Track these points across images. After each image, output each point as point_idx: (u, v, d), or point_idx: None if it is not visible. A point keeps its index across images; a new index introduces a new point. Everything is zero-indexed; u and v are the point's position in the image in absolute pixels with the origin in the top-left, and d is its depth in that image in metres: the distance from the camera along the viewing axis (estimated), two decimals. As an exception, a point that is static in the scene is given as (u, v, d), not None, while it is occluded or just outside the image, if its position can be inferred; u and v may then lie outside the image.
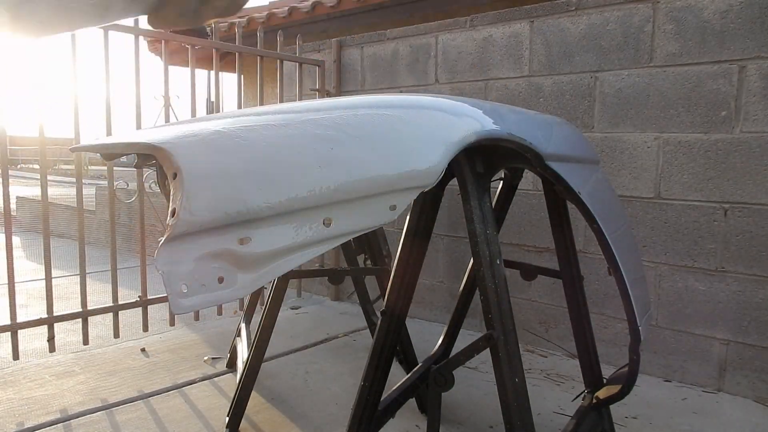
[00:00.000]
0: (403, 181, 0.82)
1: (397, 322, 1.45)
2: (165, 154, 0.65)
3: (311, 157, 0.72)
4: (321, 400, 2.11)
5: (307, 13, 5.02)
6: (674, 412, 2.07)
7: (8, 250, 2.28)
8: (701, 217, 2.25)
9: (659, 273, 2.37)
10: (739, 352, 2.20)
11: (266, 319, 1.87)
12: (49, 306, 2.41)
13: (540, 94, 2.66)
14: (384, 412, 1.52)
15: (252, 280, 0.66)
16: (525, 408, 1.14)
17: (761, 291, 2.14)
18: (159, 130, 0.80)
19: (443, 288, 3.10)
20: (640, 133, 2.38)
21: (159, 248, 0.59)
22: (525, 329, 2.77)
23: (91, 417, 1.93)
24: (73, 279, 3.81)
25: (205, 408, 2.02)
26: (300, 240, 0.70)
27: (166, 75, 2.78)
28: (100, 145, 0.89)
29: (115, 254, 2.64)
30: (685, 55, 2.25)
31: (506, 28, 2.74)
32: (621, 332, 2.48)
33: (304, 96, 3.55)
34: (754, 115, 2.12)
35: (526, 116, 1.30)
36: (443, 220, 3.05)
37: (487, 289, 1.15)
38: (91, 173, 14.09)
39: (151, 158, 0.97)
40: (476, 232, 1.17)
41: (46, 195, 2.42)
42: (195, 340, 2.76)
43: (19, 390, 2.14)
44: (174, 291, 0.59)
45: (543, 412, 2.03)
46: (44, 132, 2.35)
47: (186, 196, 0.61)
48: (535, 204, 2.71)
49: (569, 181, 1.26)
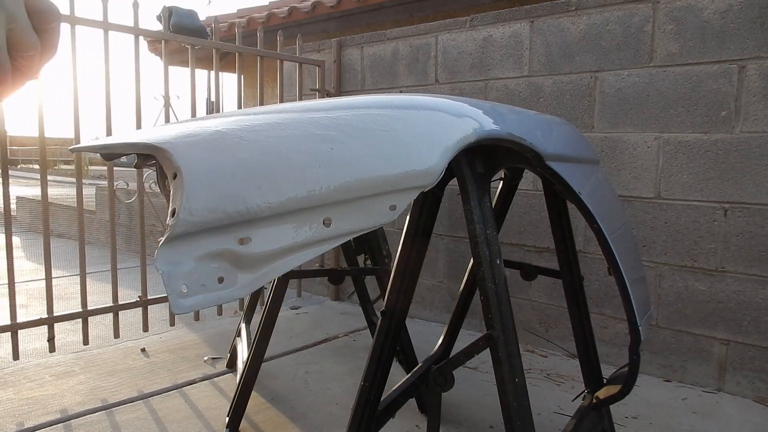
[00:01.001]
0: (403, 181, 0.82)
1: (397, 322, 1.45)
2: (165, 154, 0.65)
3: (311, 157, 0.72)
4: (321, 400, 2.11)
5: (307, 13, 5.03)
6: (674, 412, 2.07)
7: (8, 250, 2.28)
8: (701, 217, 2.25)
9: (659, 273, 2.37)
10: (739, 352, 2.20)
11: (266, 319, 1.87)
12: (49, 306, 2.41)
13: (540, 94, 2.66)
14: (384, 412, 1.52)
15: (252, 280, 0.66)
16: (525, 408, 1.14)
17: (761, 291, 2.14)
18: (159, 130, 0.80)
19: (443, 288, 3.10)
20: (640, 133, 2.38)
21: (159, 248, 0.59)
22: (525, 329, 2.77)
23: (91, 417, 1.93)
24: (73, 279, 3.81)
25: (205, 408, 2.02)
26: (300, 240, 0.70)
27: (166, 75, 2.78)
28: (100, 145, 0.89)
29: (115, 254, 2.64)
30: (685, 55, 2.25)
31: (506, 28, 2.74)
32: (621, 332, 2.48)
33: (304, 96, 3.55)
34: (754, 115, 2.12)
35: (526, 116, 1.30)
36: (443, 220, 3.05)
37: (487, 289, 1.15)
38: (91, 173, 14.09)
39: (151, 158, 0.97)
40: (476, 232, 1.17)
41: (46, 195, 2.42)
42: (195, 340, 2.76)
43: (19, 390, 2.14)
44: (174, 291, 0.59)
45: (543, 412, 2.03)
46: (44, 132, 2.35)
47: (186, 196, 0.60)
48: (535, 204, 2.71)
49: (569, 181, 1.26)
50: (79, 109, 2.44)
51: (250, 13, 5.88)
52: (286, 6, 5.33)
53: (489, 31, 2.81)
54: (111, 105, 2.52)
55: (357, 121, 0.82)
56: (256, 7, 6.26)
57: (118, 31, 2.53)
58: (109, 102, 2.51)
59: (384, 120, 0.86)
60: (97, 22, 2.45)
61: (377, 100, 0.92)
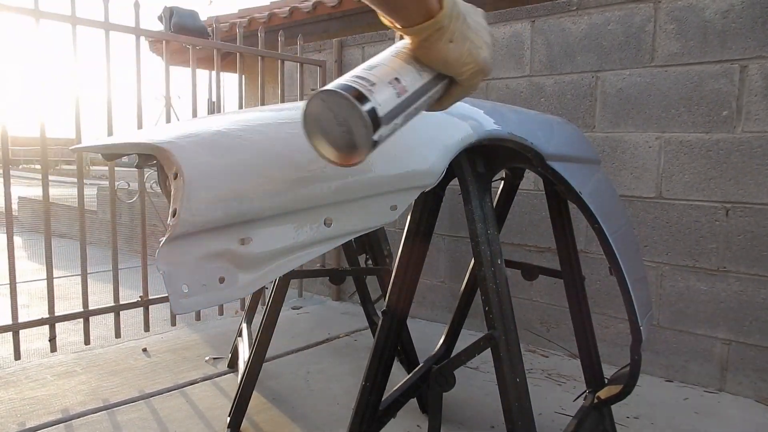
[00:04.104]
0: (404, 181, 0.82)
1: (398, 322, 1.45)
2: (166, 154, 0.65)
3: (312, 157, 0.72)
4: (322, 400, 2.11)
5: (308, 13, 5.02)
6: (676, 412, 2.06)
7: (10, 250, 2.28)
8: (703, 217, 2.25)
9: (661, 273, 2.36)
10: (740, 352, 2.19)
11: (267, 319, 1.87)
12: (51, 306, 2.41)
13: (541, 94, 2.66)
14: (385, 412, 1.52)
15: (253, 280, 0.66)
16: (526, 408, 1.14)
17: (763, 291, 2.13)
18: (160, 129, 0.80)
19: (444, 288, 3.09)
20: (641, 133, 2.37)
21: (160, 248, 0.59)
22: (526, 329, 2.77)
23: (93, 417, 1.93)
24: (74, 279, 3.81)
25: (206, 408, 2.02)
26: (301, 240, 0.70)
27: (168, 75, 2.78)
28: (101, 145, 0.89)
29: (116, 254, 2.64)
30: (686, 54, 2.24)
31: (507, 27, 2.74)
32: (622, 332, 2.47)
33: (306, 96, 3.55)
34: (756, 115, 2.11)
35: (527, 116, 1.30)
36: (444, 220, 3.05)
37: (489, 289, 1.15)
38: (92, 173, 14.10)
39: (152, 158, 0.97)
40: (477, 232, 1.16)
41: (47, 195, 2.42)
42: (196, 340, 2.76)
43: (20, 390, 2.14)
44: (175, 291, 0.59)
45: (544, 412, 2.03)
46: (45, 132, 2.35)
47: (187, 196, 0.60)
48: (536, 204, 2.71)
49: (570, 181, 1.26)
50: (80, 109, 2.44)
51: (251, 13, 5.88)
52: (287, 6, 5.32)
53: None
54: (112, 105, 2.52)
55: (358, 121, 0.82)
56: (257, 7, 6.25)
57: (119, 32, 2.53)
58: (111, 102, 2.52)
59: (385, 120, 0.85)
60: (98, 23, 2.45)
61: (378, 100, 0.92)
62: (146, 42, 6.16)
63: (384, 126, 0.55)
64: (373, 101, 0.54)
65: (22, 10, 2.20)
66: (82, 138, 2.46)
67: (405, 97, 0.58)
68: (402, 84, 0.58)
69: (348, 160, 0.57)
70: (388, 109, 0.55)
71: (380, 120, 0.55)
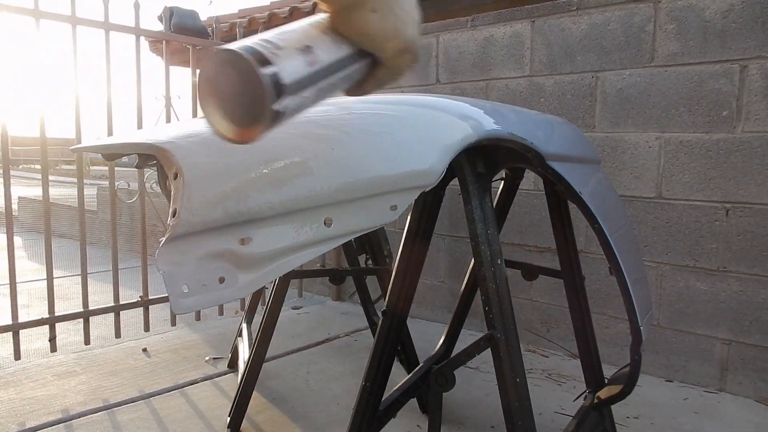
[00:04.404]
0: (404, 181, 0.82)
1: (398, 322, 1.45)
2: (166, 154, 0.65)
3: (312, 157, 0.72)
4: (322, 400, 2.11)
5: (309, 13, 5.02)
6: (676, 412, 2.06)
7: (10, 250, 2.28)
8: (703, 217, 2.25)
9: (661, 273, 2.36)
10: (740, 352, 2.19)
11: (267, 319, 1.87)
12: (51, 306, 2.41)
13: (541, 94, 2.66)
14: (385, 412, 1.52)
15: (253, 280, 0.66)
16: (526, 408, 1.14)
17: (763, 291, 2.13)
18: (160, 130, 0.80)
19: (444, 288, 3.09)
20: (641, 133, 2.37)
21: (160, 248, 0.59)
22: (526, 329, 2.77)
23: (93, 417, 1.93)
24: (74, 279, 3.81)
25: (206, 408, 2.02)
26: (301, 240, 0.70)
27: (167, 75, 2.78)
28: (101, 145, 0.89)
29: (116, 254, 2.64)
30: (686, 54, 2.24)
31: (507, 28, 2.74)
32: (622, 332, 2.47)
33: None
34: (756, 115, 2.11)
35: (527, 116, 1.30)
36: (444, 220, 3.05)
37: (489, 289, 1.15)
38: (92, 173, 14.10)
39: (152, 158, 0.97)
40: (477, 232, 1.16)
41: (47, 195, 2.43)
42: (196, 340, 2.76)
43: (20, 390, 2.14)
44: (175, 291, 0.59)
45: (544, 412, 2.03)
46: (45, 132, 2.35)
47: (187, 196, 0.60)
48: (536, 204, 2.71)
49: (570, 181, 1.26)
50: (80, 109, 2.44)
51: (251, 13, 5.87)
52: (287, 6, 5.32)
53: (490, 31, 2.80)
54: (112, 105, 2.52)
55: (358, 121, 0.82)
56: (257, 7, 6.25)
57: (119, 32, 2.53)
58: (111, 102, 2.52)
59: (385, 120, 0.86)
60: (98, 23, 2.45)
61: (378, 100, 0.92)
62: (146, 42, 6.16)
63: (289, 96, 0.49)
64: (276, 66, 0.48)
65: (22, 10, 2.20)
66: (82, 138, 2.46)
67: (317, 68, 0.52)
68: (315, 53, 0.52)
69: (244, 135, 0.50)
70: (294, 78, 0.49)
71: (284, 87, 0.48)
